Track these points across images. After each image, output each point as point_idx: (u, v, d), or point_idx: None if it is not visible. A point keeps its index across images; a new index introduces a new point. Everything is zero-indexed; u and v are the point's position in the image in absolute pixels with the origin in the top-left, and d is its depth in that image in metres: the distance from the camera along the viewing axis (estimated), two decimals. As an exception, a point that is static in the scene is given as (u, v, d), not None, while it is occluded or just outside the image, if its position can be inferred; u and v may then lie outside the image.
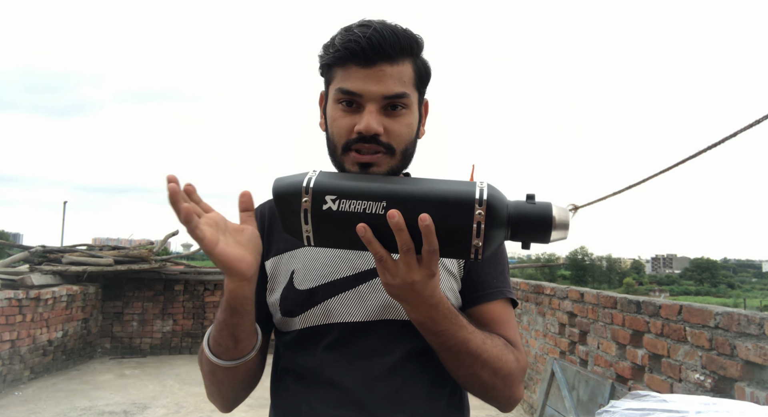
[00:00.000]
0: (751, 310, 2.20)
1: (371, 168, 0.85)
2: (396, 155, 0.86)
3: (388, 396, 0.86)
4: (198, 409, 4.75)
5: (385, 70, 0.83)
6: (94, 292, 6.87)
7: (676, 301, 2.66)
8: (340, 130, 0.86)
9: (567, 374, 3.62)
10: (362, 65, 0.83)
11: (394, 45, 0.83)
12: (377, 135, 0.83)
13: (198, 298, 7.41)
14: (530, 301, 4.83)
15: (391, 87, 0.84)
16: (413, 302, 0.76)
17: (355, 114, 0.85)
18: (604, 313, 3.33)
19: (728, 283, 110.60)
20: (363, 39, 0.81)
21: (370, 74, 0.83)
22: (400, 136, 0.86)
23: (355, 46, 0.82)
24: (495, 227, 0.70)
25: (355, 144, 0.84)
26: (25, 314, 5.43)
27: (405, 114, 0.86)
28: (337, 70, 0.86)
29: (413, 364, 0.89)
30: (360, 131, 0.83)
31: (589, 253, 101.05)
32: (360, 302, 0.91)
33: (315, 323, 0.91)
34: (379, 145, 0.84)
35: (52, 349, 5.93)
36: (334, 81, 0.87)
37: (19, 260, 6.75)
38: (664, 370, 2.63)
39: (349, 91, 0.84)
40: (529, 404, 4.63)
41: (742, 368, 2.08)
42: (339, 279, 0.92)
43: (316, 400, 0.88)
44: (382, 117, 0.84)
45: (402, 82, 0.85)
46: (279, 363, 0.98)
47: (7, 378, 5.20)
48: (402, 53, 0.85)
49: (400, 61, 0.85)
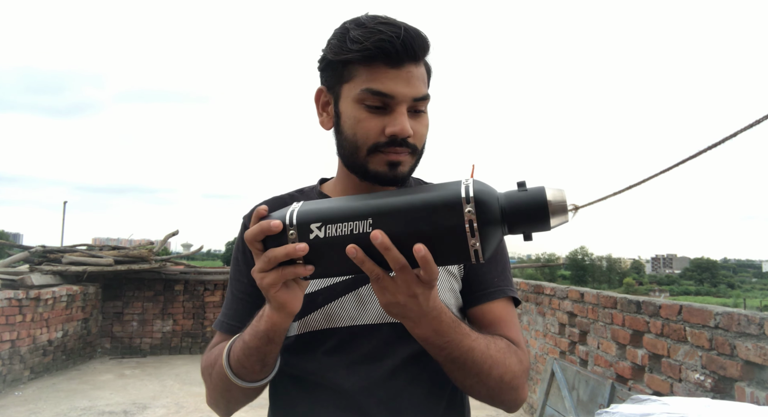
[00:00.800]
0: (751, 310, 2.19)
1: (398, 167, 0.85)
2: (416, 155, 0.88)
3: (388, 400, 0.86)
4: (198, 409, 4.76)
5: (412, 71, 0.83)
6: (94, 292, 6.87)
7: (676, 301, 2.66)
8: (368, 132, 0.83)
9: (567, 374, 3.62)
10: (392, 66, 0.81)
11: (421, 46, 0.83)
12: (407, 137, 0.83)
13: (198, 298, 7.41)
14: (530, 301, 4.83)
15: (419, 89, 0.84)
16: (416, 317, 0.73)
17: (383, 115, 0.83)
18: (604, 313, 3.33)
19: (728, 283, 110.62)
20: (396, 39, 0.79)
21: (399, 75, 0.82)
22: (422, 136, 0.87)
23: (388, 47, 0.79)
24: (489, 223, 0.65)
25: (386, 147, 0.83)
26: (25, 314, 5.43)
27: (424, 115, 0.88)
28: (360, 68, 0.83)
29: (414, 367, 0.88)
30: (394, 134, 0.82)
31: (589, 253, 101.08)
32: (360, 305, 0.90)
33: (315, 327, 0.90)
34: (408, 147, 0.84)
35: (52, 349, 5.93)
36: (356, 79, 0.84)
37: (19, 260, 6.76)
38: (664, 370, 2.63)
39: (381, 92, 0.81)
40: (529, 404, 4.63)
41: (742, 368, 2.08)
42: (338, 282, 0.90)
43: (315, 403, 0.88)
44: (409, 119, 0.84)
45: (424, 83, 0.86)
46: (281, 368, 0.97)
47: (7, 378, 5.20)
48: (424, 54, 0.85)
49: (421, 63, 0.85)
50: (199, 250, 10.31)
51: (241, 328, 0.95)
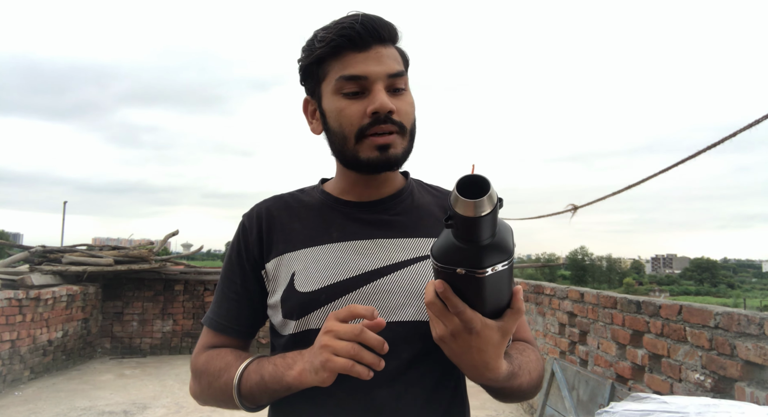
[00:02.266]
0: (751, 310, 2.19)
1: (390, 150, 0.86)
2: (407, 135, 0.88)
3: (390, 401, 0.84)
4: (198, 409, 4.75)
5: (381, 51, 0.86)
6: (94, 292, 6.87)
7: (676, 301, 2.66)
8: (351, 118, 0.85)
9: (567, 374, 3.62)
10: (359, 50, 0.85)
11: (385, 28, 0.86)
12: (391, 112, 0.84)
13: (198, 298, 7.41)
14: (530, 301, 4.83)
15: (392, 66, 0.86)
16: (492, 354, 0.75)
17: (361, 99, 0.85)
18: (604, 313, 3.33)
19: (728, 283, 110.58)
20: (357, 24, 0.84)
21: (369, 56, 0.85)
22: (408, 114, 0.88)
23: (351, 32, 0.83)
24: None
25: (371, 128, 0.85)
26: (25, 314, 5.43)
27: (406, 93, 0.89)
28: (332, 62, 0.87)
29: (416, 368, 0.87)
30: (375, 110, 0.84)
31: (589, 253, 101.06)
32: (365, 303, 0.88)
33: (317, 326, 0.87)
34: (394, 124, 0.85)
35: (52, 349, 5.93)
36: (331, 73, 0.87)
37: (19, 260, 6.76)
38: (664, 370, 2.63)
39: (354, 76, 0.84)
40: (529, 404, 4.63)
41: (742, 368, 2.08)
42: (342, 281, 0.88)
43: (316, 404, 0.87)
44: (390, 97, 0.86)
45: (398, 61, 0.88)
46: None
47: (7, 378, 5.20)
48: (391, 37, 0.88)
49: (389, 45, 0.88)
50: (199, 250, 10.32)
51: (230, 327, 0.96)
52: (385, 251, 0.91)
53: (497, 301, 0.71)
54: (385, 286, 0.88)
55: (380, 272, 0.89)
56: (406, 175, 1.03)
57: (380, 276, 0.89)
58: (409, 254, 0.91)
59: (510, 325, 0.73)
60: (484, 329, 0.71)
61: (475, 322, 0.70)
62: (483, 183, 0.59)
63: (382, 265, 0.89)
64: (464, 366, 0.76)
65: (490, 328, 0.71)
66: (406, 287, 0.88)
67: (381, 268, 0.89)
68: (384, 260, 0.90)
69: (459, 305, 0.69)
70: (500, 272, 0.66)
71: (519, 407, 4.87)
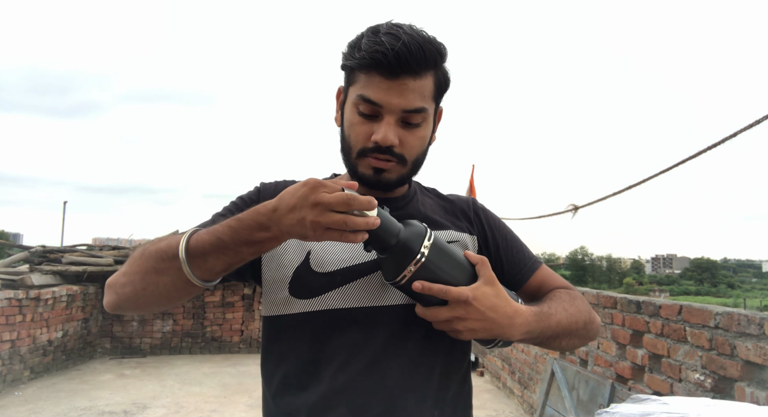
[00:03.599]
0: (751, 310, 2.19)
1: (383, 174, 0.89)
2: (407, 165, 0.91)
3: (402, 381, 0.87)
4: (198, 409, 4.76)
5: (408, 84, 0.85)
6: (94, 292, 6.87)
7: (676, 301, 2.66)
8: (357, 136, 0.89)
9: (567, 374, 3.62)
10: (386, 76, 0.84)
11: (420, 60, 0.83)
12: (392, 146, 0.87)
13: (198, 298, 7.40)
14: (530, 301, 4.83)
15: (411, 101, 0.86)
16: (501, 321, 0.82)
17: (372, 122, 0.87)
18: (604, 313, 3.33)
19: (728, 283, 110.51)
20: (390, 51, 0.81)
21: (392, 86, 0.84)
22: (413, 148, 0.90)
23: (381, 58, 0.82)
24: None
25: (371, 153, 0.88)
26: (25, 314, 5.43)
27: (421, 127, 0.90)
28: (360, 75, 0.87)
29: (430, 348, 0.90)
30: (377, 141, 0.86)
31: (589, 253, 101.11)
32: (378, 288, 0.90)
33: (333, 306, 0.89)
34: (393, 156, 0.88)
35: (52, 349, 5.93)
36: (356, 85, 0.88)
37: (19, 260, 6.76)
38: (664, 370, 2.63)
39: (370, 100, 0.85)
40: (529, 404, 4.63)
41: (742, 368, 2.08)
42: (358, 264, 0.91)
43: (329, 386, 0.86)
44: (398, 129, 0.87)
45: (422, 96, 0.87)
46: (277, 346, 0.92)
47: (7, 378, 5.20)
48: (426, 68, 0.86)
49: (423, 75, 0.86)
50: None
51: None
52: None
53: (459, 267, 0.83)
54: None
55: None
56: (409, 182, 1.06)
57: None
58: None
59: (487, 272, 0.84)
60: (474, 292, 0.81)
61: (463, 291, 0.80)
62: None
63: None
64: (494, 329, 0.82)
65: (477, 288, 0.82)
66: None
67: None
68: None
69: (440, 288, 0.79)
70: (432, 247, 0.79)
71: (519, 407, 4.88)
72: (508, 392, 5.28)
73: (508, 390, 5.31)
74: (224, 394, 5.25)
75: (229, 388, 5.50)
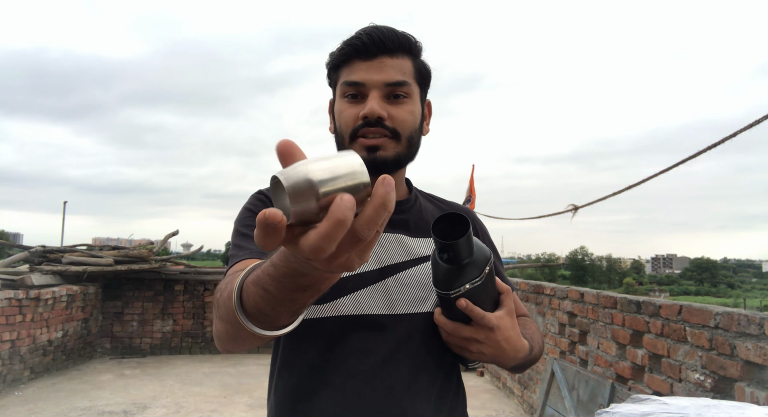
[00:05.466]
0: (751, 310, 2.19)
1: (378, 152, 0.90)
2: (402, 141, 0.92)
3: (409, 386, 0.88)
4: (198, 409, 4.75)
5: (386, 61, 0.91)
6: (94, 292, 6.87)
7: (676, 301, 2.66)
8: (347, 119, 0.92)
9: (567, 374, 3.62)
10: (364, 58, 0.91)
11: (393, 39, 0.91)
12: (381, 119, 0.89)
13: (198, 298, 7.41)
14: (530, 301, 4.83)
15: (391, 75, 0.91)
16: (512, 344, 0.86)
17: (359, 104, 0.91)
18: (604, 313, 3.32)
19: (728, 283, 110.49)
20: (365, 35, 0.90)
21: (372, 65, 0.90)
22: (405, 121, 0.92)
23: (357, 42, 0.90)
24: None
25: (361, 129, 0.90)
26: (25, 314, 5.43)
27: (407, 102, 0.93)
28: (343, 68, 0.94)
29: (433, 355, 0.92)
30: (365, 115, 0.89)
31: (589, 253, 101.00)
32: (387, 295, 0.91)
33: (345, 312, 0.88)
34: (385, 129, 0.90)
35: (52, 349, 5.93)
36: (340, 78, 0.94)
37: (19, 260, 6.76)
38: (664, 370, 2.63)
39: (354, 82, 0.91)
40: (529, 404, 4.63)
41: (742, 368, 2.08)
42: (366, 272, 0.92)
43: (337, 392, 0.86)
44: (385, 104, 0.91)
45: (402, 72, 0.92)
46: (286, 352, 0.91)
47: (7, 378, 5.20)
48: (401, 48, 0.92)
49: (399, 55, 0.92)
50: (199, 250, 10.31)
51: (261, 252, 0.83)
52: (406, 247, 0.96)
53: (494, 295, 0.88)
54: (407, 280, 0.93)
55: (402, 266, 0.94)
56: (410, 186, 1.08)
57: (402, 269, 0.94)
58: (426, 252, 0.97)
59: (510, 304, 0.88)
60: (499, 321, 0.84)
61: (492, 320, 0.82)
62: (453, 216, 0.80)
63: (403, 259, 0.95)
64: (500, 359, 0.87)
65: (502, 318, 0.85)
66: (425, 281, 0.94)
67: (403, 263, 0.94)
68: (405, 255, 0.95)
69: (479, 312, 0.82)
70: (489, 272, 0.83)
71: (519, 407, 4.87)
72: (508, 392, 5.28)
73: (508, 390, 5.31)
74: (224, 394, 5.24)
75: (229, 388, 5.50)
